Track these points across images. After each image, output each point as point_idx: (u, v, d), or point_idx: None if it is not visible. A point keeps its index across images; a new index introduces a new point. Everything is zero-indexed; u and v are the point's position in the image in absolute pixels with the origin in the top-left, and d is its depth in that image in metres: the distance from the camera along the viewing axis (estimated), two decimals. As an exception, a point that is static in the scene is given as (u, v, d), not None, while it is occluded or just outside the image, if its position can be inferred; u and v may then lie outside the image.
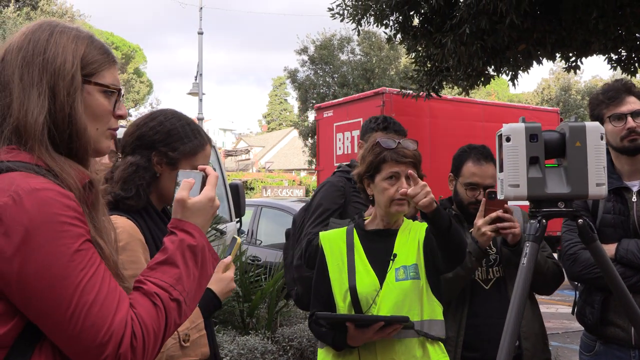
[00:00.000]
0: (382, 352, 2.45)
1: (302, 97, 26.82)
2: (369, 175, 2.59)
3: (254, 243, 9.00)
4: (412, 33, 7.25)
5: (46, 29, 1.40)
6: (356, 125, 12.02)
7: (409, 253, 2.54)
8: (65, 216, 1.25)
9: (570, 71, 7.36)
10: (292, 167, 47.24)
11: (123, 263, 1.82)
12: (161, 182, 2.06)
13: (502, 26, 6.00)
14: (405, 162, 2.52)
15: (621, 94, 2.79)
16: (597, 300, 2.77)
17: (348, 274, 2.52)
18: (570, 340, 7.95)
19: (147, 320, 1.30)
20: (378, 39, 25.60)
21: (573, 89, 35.36)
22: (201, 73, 23.46)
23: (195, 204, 1.49)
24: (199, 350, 1.94)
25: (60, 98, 1.35)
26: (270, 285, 5.53)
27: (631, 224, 2.72)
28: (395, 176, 2.52)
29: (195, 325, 1.95)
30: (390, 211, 2.55)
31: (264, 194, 27.46)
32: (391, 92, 11.97)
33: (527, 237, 2.07)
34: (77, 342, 1.23)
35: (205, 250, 1.46)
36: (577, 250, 2.77)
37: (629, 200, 2.75)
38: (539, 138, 2.06)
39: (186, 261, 1.41)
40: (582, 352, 2.93)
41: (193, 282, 1.41)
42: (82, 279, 1.24)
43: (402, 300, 2.45)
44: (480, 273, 2.94)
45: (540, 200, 2.08)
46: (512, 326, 1.97)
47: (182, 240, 1.42)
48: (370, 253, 2.56)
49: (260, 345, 4.87)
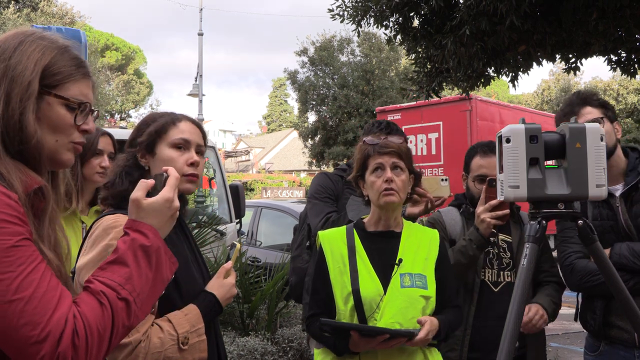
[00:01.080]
0: (383, 357, 2.43)
1: (302, 98, 26.85)
2: (360, 175, 2.61)
3: (254, 244, 9.00)
4: (412, 34, 7.25)
5: (19, 37, 1.42)
6: (435, 128, 13.03)
7: (415, 261, 2.52)
8: (4, 213, 1.24)
9: (570, 72, 7.35)
10: (292, 168, 47.26)
11: None
12: (152, 173, 2.07)
13: (502, 27, 6.00)
14: (388, 152, 2.53)
15: (575, 107, 2.84)
16: (598, 306, 2.78)
17: (350, 277, 2.48)
18: (570, 341, 7.95)
19: (91, 318, 1.27)
20: (378, 40, 25.64)
21: (573, 90, 35.37)
22: (201, 74, 23.46)
23: (151, 204, 1.48)
24: (198, 355, 1.93)
25: (13, 104, 1.35)
26: (270, 287, 5.54)
27: (621, 228, 2.74)
28: (380, 167, 2.53)
29: (195, 329, 1.94)
30: (380, 203, 2.53)
31: (264, 195, 27.49)
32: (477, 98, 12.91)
33: (527, 239, 2.07)
34: (13, 338, 1.20)
35: (161, 251, 1.43)
36: (573, 261, 2.79)
37: (613, 206, 2.76)
38: (539, 139, 2.05)
39: (138, 261, 1.38)
40: (587, 352, 2.94)
41: (145, 283, 1.38)
42: (19, 275, 1.21)
43: (407, 307, 2.42)
44: (491, 275, 2.94)
45: (540, 201, 2.08)
46: (512, 328, 1.97)
47: (134, 240, 1.40)
48: (372, 255, 2.53)
49: (260, 347, 4.87)
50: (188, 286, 2.01)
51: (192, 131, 2.12)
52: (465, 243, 2.84)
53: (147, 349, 1.82)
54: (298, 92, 26.90)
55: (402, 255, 2.50)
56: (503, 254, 2.95)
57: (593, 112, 2.81)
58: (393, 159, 2.52)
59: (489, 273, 2.93)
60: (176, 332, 1.88)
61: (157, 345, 1.84)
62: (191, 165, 2.06)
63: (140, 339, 1.82)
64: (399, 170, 2.53)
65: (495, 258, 2.95)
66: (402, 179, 2.52)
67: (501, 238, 2.99)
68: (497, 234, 2.98)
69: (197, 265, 2.15)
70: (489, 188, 2.83)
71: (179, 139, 2.07)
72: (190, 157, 2.07)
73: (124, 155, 2.13)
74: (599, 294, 2.74)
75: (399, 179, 2.51)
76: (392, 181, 2.49)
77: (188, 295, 2.01)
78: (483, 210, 2.82)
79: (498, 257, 2.95)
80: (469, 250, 2.79)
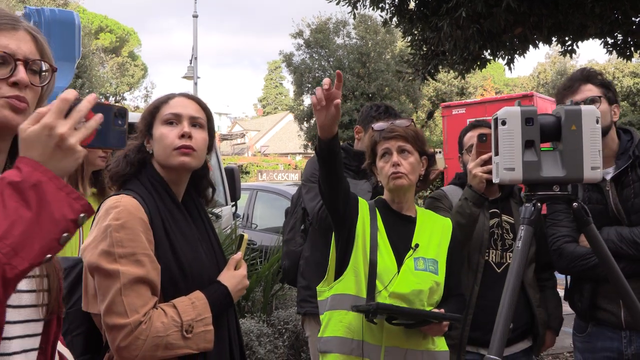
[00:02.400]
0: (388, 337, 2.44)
1: (297, 81, 26.78)
2: (373, 162, 2.63)
3: (250, 227, 9.01)
4: (408, 16, 7.22)
5: None
6: None
7: (430, 246, 2.54)
8: None
9: (566, 55, 7.36)
10: (288, 151, 47.22)
11: (122, 241, 1.82)
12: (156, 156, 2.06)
13: (499, 10, 5.98)
14: (393, 136, 2.55)
15: (576, 83, 2.85)
16: (586, 288, 2.80)
17: (370, 245, 2.48)
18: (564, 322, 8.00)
19: None
20: (374, 23, 25.52)
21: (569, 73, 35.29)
22: (196, 56, 23.34)
23: (29, 134, 1.23)
24: (202, 345, 1.89)
25: None
26: (266, 269, 5.56)
27: (609, 212, 2.74)
28: (388, 152, 2.55)
29: (201, 318, 1.90)
30: (390, 187, 2.55)
31: (260, 178, 27.47)
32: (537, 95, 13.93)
33: (522, 221, 2.07)
34: None
35: (45, 187, 1.21)
36: (561, 245, 2.80)
37: (604, 189, 2.76)
38: (534, 122, 2.05)
39: (3, 201, 1.18)
40: (576, 334, 2.96)
41: (19, 224, 1.17)
42: None
43: (417, 290, 2.43)
44: (495, 256, 2.96)
45: (535, 183, 2.09)
46: (506, 309, 1.98)
47: (2, 179, 1.21)
48: (390, 235, 2.54)
49: (256, 328, 4.89)
50: (193, 268, 1.95)
51: (185, 104, 2.07)
52: (461, 203, 2.85)
53: (148, 331, 1.80)
54: (293, 74, 26.83)
55: (418, 240, 2.52)
56: (506, 235, 2.97)
57: (593, 90, 2.81)
58: (399, 143, 2.54)
59: (493, 254, 2.96)
60: (180, 319, 1.85)
61: (160, 330, 1.82)
62: (182, 138, 2.00)
63: (140, 320, 1.80)
64: (406, 153, 2.54)
65: (499, 239, 2.98)
66: (410, 161, 2.54)
67: (504, 219, 3.01)
68: (501, 215, 3.00)
69: (208, 250, 2.08)
70: (480, 143, 2.84)
71: (169, 114, 2.03)
72: (181, 129, 2.01)
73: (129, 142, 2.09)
74: (587, 277, 2.76)
75: (407, 162, 2.53)
76: (399, 164, 2.51)
77: (193, 278, 1.95)
78: (474, 165, 2.83)
79: (502, 238, 2.97)
80: (466, 209, 2.80)
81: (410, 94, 26.75)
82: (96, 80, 26.92)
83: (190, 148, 2.00)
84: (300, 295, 3.57)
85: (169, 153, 2.00)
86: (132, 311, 1.80)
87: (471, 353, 2.92)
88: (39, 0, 24.03)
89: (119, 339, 1.79)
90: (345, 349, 2.45)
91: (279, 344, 5.00)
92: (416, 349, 2.45)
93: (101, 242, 1.84)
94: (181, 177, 2.07)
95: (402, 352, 2.43)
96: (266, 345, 4.86)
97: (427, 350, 2.48)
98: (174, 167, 2.01)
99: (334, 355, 2.48)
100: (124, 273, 1.80)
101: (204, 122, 2.09)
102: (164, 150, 2.01)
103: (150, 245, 1.88)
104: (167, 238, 1.93)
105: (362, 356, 2.42)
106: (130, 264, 1.82)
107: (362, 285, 2.45)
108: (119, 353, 1.82)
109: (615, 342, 2.77)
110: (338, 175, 2.40)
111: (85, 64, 24.55)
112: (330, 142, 2.30)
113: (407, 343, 2.44)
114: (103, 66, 38.70)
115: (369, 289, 2.43)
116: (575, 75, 2.90)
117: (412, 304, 2.42)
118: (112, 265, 1.81)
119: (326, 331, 2.53)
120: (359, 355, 2.42)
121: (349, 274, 2.49)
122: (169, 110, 2.04)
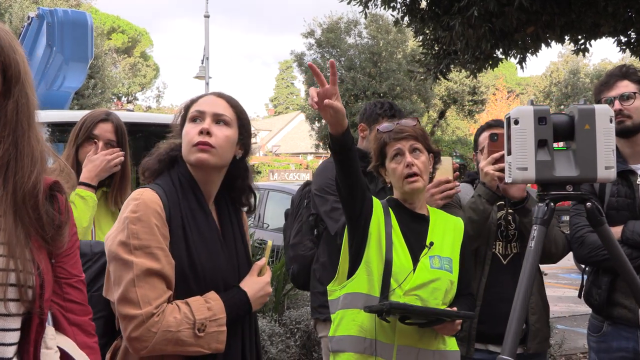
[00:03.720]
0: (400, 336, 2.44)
1: (309, 80, 26.76)
2: (380, 164, 2.61)
3: (261, 227, 9.03)
4: (420, 16, 7.20)
5: None
6: None
7: (444, 244, 2.54)
8: None
9: (579, 54, 7.30)
10: (299, 150, 47.22)
11: (137, 233, 1.85)
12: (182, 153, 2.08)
13: (511, 8, 5.95)
14: (404, 136, 2.54)
15: (612, 79, 2.88)
16: (604, 281, 2.80)
17: (386, 244, 2.46)
18: (577, 323, 7.96)
19: None
20: (385, 22, 25.47)
21: (582, 72, 35.06)
22: (208, 57, 23.39)
23: None
24: (214, 345, 1.89)
25: None
26: (278, 269, 5.56)
27: (637, 206, 2.76)
28: (400, 153, 2.53)
29: (216, 318, 1.89)
30: (405, 190, 2.53)
31: (271, 178, 27.48)
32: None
33: (535, 221, 2.07)
34: None
35: None
36: (584, 234, 2.81)
37: (634, 183, 2.78)
38: (547, 121, 2.05)
39: None
40: (590, 334, 2.96)
41: None
42: None
43: (434, 288, 2.43)
44: (500, 247, 2.99)
45: (548, 183, 2.08)
46: (519, 309, 1.97)
47: None
48: (404, 233, 2.52)
49: (268, 328, 4.90)
50: (205, 269, 1.95)
51: (211, 102, 2.06)
52: (474, 199, 2.88)
53: (159, 324, 1.81)
54: (305, 74, 26.82)
55: (432, 239, 2.52)
56: (509, 225, 3.00)
57: (629, 86, 2.85)
58: (410, 142, 2.53)
59: (499, 245, 2.99)
60: (193, 317, 1.85)
61: (171, 325, 1.83)
62: (200, 134, 1.98)
63: (153, 312, 1.81)
64: (417, 152, 2.54)
65: (504, 230, 3.00)
66: (423, 160, 2.53)
67: (508, 211, 3.03)
68: (505, 207, 3.01)
69: (230, 255, 2.05)
70: (492, 142, 2.88)
71: (194, 111, 2.04)
72: (201, 125, 1.99)
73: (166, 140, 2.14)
74: (606, 268, 2.76)
75: (420, 161, 2.52)
76: (413, 165, 2.50)
77: (205, 279, 1.94)
78: (486, 163, 2.86)
79: (505, 228, 3.00)
80: (479, 205, 2.83)
81: (422, 94, 26.68)
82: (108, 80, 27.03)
83: (208, 145, 1.97)
84: (318, 300, 3.46)
85: (189, 149, 2.00)
86: (144, 303, 1.81)
87: (480, 351, 2.92)
88: (52, 1, 24.16)
89: (130, 329, 1.81)
90: (358, 347, 2.44)
91: (290, 343, 5.01)
92: (428, 349, 2.45)
93: (120, 232, 1.87)
94: (207, 175, 2.05)
95: (414, 352, 2.42)
96: (278, 344, 4.87)
97: (439, 350, 2.48)
98: (192, 164, 2.01)
99: (347, 354, 2.47)
100: (137, 264, 1.83)
101: (231, 119, 2.05)
102: (185, 146, 2.02)
103: (165, 240, 1.89)
104: (183, 236, 1.94)
105: (374, 355, 2.41)
106: (144, 256, 1.84)
107: (375, 283, 2.44)
108: (130, 343, 1.84)
109: (632, 342, 2.77)
110: (355, 172, 2.38)
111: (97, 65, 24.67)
112: (342, 136, 2.28)
113: (419, 342, 2.43)
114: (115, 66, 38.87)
115: (383, 288, 2.42)
116: (613, 72, 2.94)
117: (426, 302, 2.41)
118: (128, 256, 1.84)
119: (338, 330, 2.52)
120: (372, 354, 2.42)
121: (361, 273, 2.48)
122: (195, 108, 2.05)
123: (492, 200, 2.86)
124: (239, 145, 2.09)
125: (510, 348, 1.92)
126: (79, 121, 3.00)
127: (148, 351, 1.83)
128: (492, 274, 2.94)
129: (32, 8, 18.63)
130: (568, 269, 11.36)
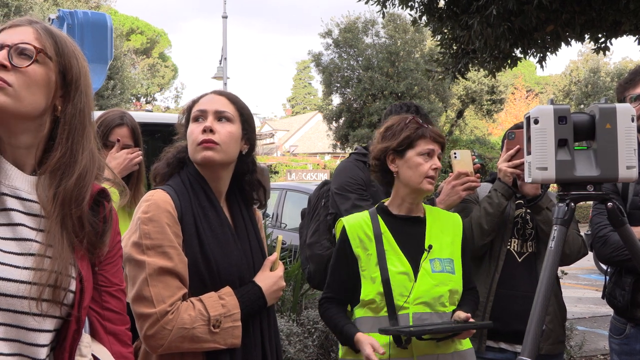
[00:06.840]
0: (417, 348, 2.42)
1: (326, 80, 26.76)
2: (399, 150, 2.54)
3: (279, 226, 9.05)
4: (438, 15, 7.17)
5: None
6: None
7: (443, 245, 2.52)
8: None
9: (599, 52, 7.21)
10: (317, 150, 47.23)
11: (149, 233, 1.88)
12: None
13: (530, 7, 5.91)
14: (440, 141, 2.57)
15: (637, 77, 2.88)
16: (627, 282, 2.77)
17: (379, 263, 2.45)
18: (597, 324, 7.89)
19: None
20: (403, 22, 25.39)
21: (602, 71, 34.70)
22: (226, 57, 23.47)
23: None
24: (230, 341, 1.91)
25: None
26: (295, 268, 5.56)
27: None
28: (430, 153, 2.53)
29: (230, 314, 1.91)
30: (421, 187, 2.51)
31: (289, 178, 27.50)
32: None
33: (555, 221, 2.04)
34: None
35: None
36: (607, 233, 2.78)
37: None
38: (567, 120, 2.02)
39: None
40: (612, 336, 2.92)
41: None
42: None
43: (438, 293, 2.43)
44: (516, 245, 3.01)
45: (568, 183, 2.06)
46: (539, 310, 1.95)
47: None
48: (399, 240, 2.50)
49: (286, 328, 4.90)
50: (220, 266, 1.96)
51: (211, 100, 2.09)
52: (491, 193, 2.94)
53: (174, 322, 1.83)
54: (322, 74, 26.80)
55: (430, 241, 2.50)
56: (526, 224, 3.03)
57: None
58: (438, 149, 2.57)
59: (515, 243, 3.01)
60: (207, 314, 1.87)
61: (186, 322, 1.85)
62: (203, 132, 2.01)
63: (167, 309, 1.84)
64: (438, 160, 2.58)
65: (521, 229, 3.02)
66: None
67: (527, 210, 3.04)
68: (524, 206, 3.03)
69: (244, 251, 2.07)
70: (509, 140, 2.95)
71: (196, 111, 2.06)
72: (204, 124, 2.02)
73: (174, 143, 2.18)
74: (629, 268, 2.74)
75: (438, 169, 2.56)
76: (437, 169, 2.53)
77: (220, 275, 1.96)
78: (501, 160, 2.95)
79: (523, 227, 3.02)
80: (495, 198, 2.89)
81: (440, 93, 26.55)
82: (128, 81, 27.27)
83: (212, 142, 2.00)
84: None
85: (194, 149, 2.03)
86: (158, 301, 1.84)
87: (492, 349, 2.91)
88: (72, 2, 24.40)
89: (145, 328, 1.84)
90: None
91: (308, 343, 5.00)
92: (446, 352, 2.45)
93: (133, 233, 1.91)
94: (215, 172, 2.07)
95: (434, 358, 2.43)
96: (296, 344, 4.87)
97: (457, 351, 2.48)
98: (199, 163, 2.03)
99: None
100: (150, 264, 1.85)
101: (233, 115, 2.07)
102: (191, 146, 2.05)
103: (177, 239, 1.92)
104: (196, 234, 1.96)
105: None
106: (156, 255, 1.87)
107: (380, 304, 2.44)
108: (146, 341, 1.87)
109: (655, 345, 2.73)
110: None
111: (117, 66, 24.90)
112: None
113: (437, 349, 2.43)
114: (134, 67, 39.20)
115: (389, 308, 2.41)
116: (637, 69, 2.93)
117: (434, 307, 2.42)
118: (141, 256, 1.87)
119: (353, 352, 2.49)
120: None
121: (364, 300, 2.48)
122: (197, 108, 2.08)
123: (508, 195, 2.91)
124: (243, 141, 2.11)
125: (531, 349, 1.90)
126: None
127: (164, 349, 1.86)
128: (506, 270, 2.95)
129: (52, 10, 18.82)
130: (588, 269, 11.26)
